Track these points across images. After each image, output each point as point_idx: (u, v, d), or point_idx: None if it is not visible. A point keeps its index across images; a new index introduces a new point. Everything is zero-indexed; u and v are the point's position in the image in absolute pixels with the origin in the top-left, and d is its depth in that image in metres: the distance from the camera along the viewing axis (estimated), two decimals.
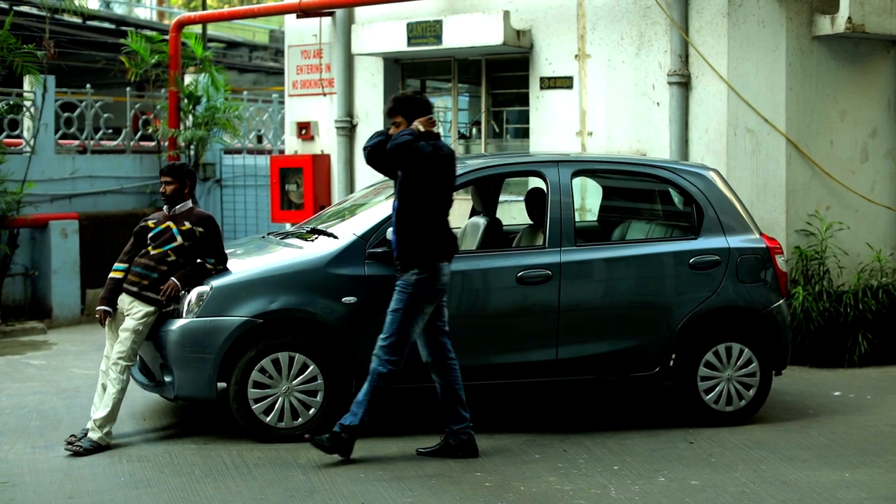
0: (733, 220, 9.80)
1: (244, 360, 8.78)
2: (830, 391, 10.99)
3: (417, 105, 8.63)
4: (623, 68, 13.18)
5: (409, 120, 8.53)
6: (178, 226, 9.09)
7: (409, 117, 8.55)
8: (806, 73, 12.62)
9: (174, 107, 16.88)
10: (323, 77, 15.76)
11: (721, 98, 12.48)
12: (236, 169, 18.33)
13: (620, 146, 13.18)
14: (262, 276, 9.03)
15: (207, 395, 8.86)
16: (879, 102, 13.22)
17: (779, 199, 12.48)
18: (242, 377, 8.77)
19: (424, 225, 8.49)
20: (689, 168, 10.12)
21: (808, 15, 12.60)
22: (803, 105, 12.61)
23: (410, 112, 8.57)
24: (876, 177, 13.19)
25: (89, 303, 15.13)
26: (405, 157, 8.35)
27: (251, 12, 19.72)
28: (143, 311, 8.88)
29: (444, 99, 15.96)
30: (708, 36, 12.56)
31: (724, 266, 9.57)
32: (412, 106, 8.61)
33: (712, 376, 9.53)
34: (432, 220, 8.54)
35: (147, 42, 17.45)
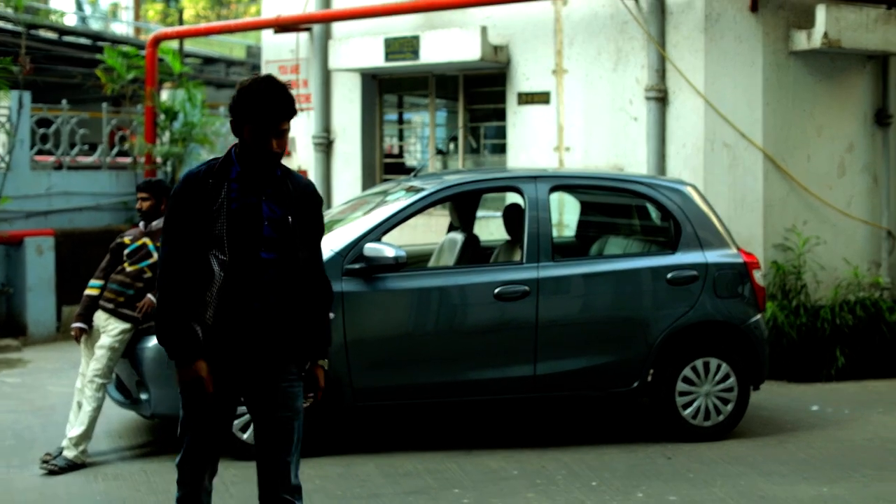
0: (711, 235, 9.80)
1: None
2: (808, 406, 10.99)
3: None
4: (600, 83, 13.20)
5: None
6: (154, 242, 9.05)
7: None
8: (783, 88, 12.66)
9: (151, 122, 16.84)
10: (300, 92, 15.73)
11: (698, 113, 12.51)
12: None
13: (598, 161, 13.19)
14: None
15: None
16: (856, 117, 13.27)
17: (756, 213, 12.51)
18: None
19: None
20: (667, 183, 10.13)
21: (785, 30, 12.64)
22: (780, 120, 12.64)
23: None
24: (853, 191, 13.23)
25: (65, 320, 15.04)
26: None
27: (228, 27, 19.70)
28: (119, 329, 8.84)
29: (421, 114, 15.97)
30: (685, 51, 12.59)
31: (702, 281, 9.57)
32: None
33: (690, 391, 9.52)
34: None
35: (124, 57, 17.41)
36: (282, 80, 5.36)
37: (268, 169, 5.32)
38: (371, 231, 9.10)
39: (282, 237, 5.31)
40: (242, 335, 5.33)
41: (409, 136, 16.67)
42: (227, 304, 5.28)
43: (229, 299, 5.28)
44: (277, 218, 5.32)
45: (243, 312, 5.30)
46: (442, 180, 9.71)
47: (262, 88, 5.24)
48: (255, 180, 5.32)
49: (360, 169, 15.48)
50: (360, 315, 8.76)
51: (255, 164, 5.29)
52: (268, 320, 5.34)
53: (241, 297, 5.29)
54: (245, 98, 5.23)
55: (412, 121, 16.48)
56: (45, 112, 17.14)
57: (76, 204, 16.44)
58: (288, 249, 5.34)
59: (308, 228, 5.45)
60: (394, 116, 16.48)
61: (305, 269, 5.44)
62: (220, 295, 5.27)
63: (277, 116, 5.24)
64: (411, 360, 9.14)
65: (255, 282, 5.29)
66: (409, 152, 16.60)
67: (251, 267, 5.28)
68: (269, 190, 5.33)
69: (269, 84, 5.27)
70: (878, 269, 13.43)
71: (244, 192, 5.29)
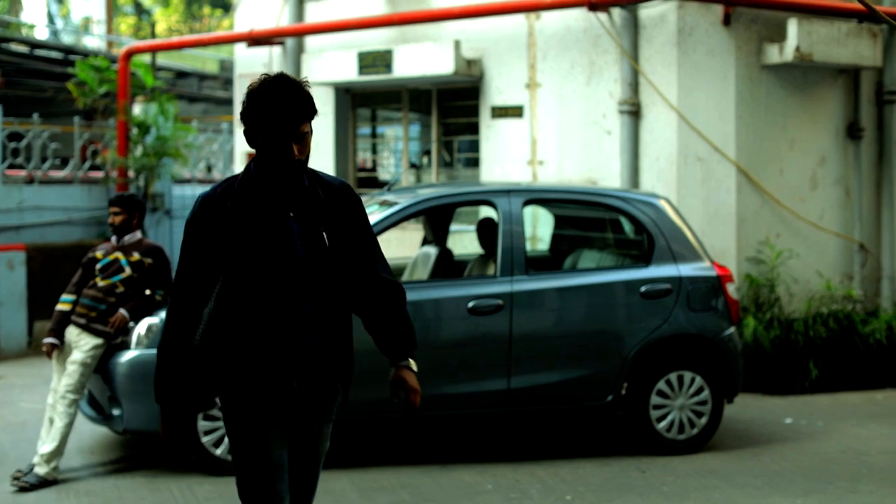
0: (684, 248, 9.81)
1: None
2: (782, 418, 11.01)
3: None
4: (574, 97, 13.21)
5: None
6: (126, 257, 9.01)
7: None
8: (755, 101, 12.70)
9: (123, 136, 16.78)
10: None
11: (671, 127, 12.53)
12: (186, 199, 18.21)
13: (571, 175, 13.20)
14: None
15: (157, 428, 8.74)
16: (828, 130, 13.32)
17: (729, 227, 12.54)
18: None
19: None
20: (640, 197, 10.14)
21: (757, 44, 12.69)
22: (753, 133, 12.68)
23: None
24: (825, 204, 13.28)
25: (37, 335, 14.95)
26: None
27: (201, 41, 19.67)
28: (91, 344, 8.79)
29: (394, 128, 15.95)
30: (658, 65, 12.62)
31: (676, 294, 9.57)
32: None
33: (664, 405, 9.52)
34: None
35: (96, 71, 17.35)
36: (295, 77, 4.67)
37: (292, 180, 4.65)
38: None
39: (319, 256, 4.66)
40: (289, 375, 4.67)
41: (382, 149, 16.65)
42: (265, 344, 4.63)
43: (268, 338, 4.62)
44: (310, 235, 4.66)
45: (287, 350, 4.64)
46: (415, 194, 9.70)
47: (275, 89, 4.57)
48: (280, 195, 4.66)
49: None
50: None
51: (277, 177, 4.62)
52: (315, 355, 4.72)
53: (283, 333, 4.63)
54: (256, 102, 4.56)
55: (385, 134, 16.46)
56: (17, 126, 17.07)
57: (48, 218, 16.37)
58: (328, 270, 4.69)
59: (352, 237, 4.80)
60: (367, 130, 16.46)
61: (360, 282, 4.85)
62: (255, 334, 4.62)
63: (296, 119, 4.56)
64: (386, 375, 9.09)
65: (296, 314, 4.64)
66: (383, 166, 16.58)
67: (290, 297, 4.63)
68: (297, 204, 4.68)
69: (283, 83, 4.60)
70: (850, 281, 13.48)
71: (270, 212, 4.63)
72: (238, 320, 4.64)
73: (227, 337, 4.65)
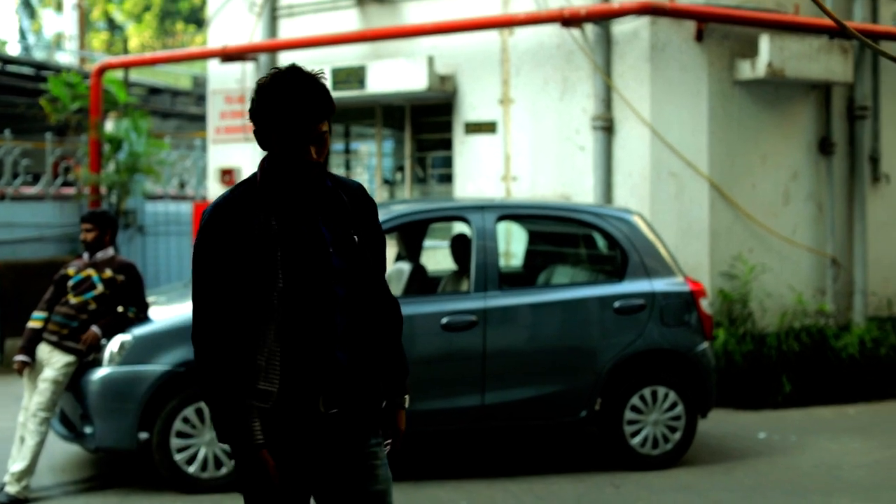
0: (657, 263, 9.82)
1: (167, 410, 8.66)
2: (755, 433, 11.03)
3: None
4: (547, 113, 13.23)
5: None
6: (99, 274, 8.96)
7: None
8: (728, 116, 12.75)
9: (95, 153, 16.71)
10: (246, 122, 15.66)
11: (644, 142, 12.57)
12: (159, 216, 18.16)
13: (545, 191, 13.22)
14: (185, 324, 8.89)
15: (129, 445, 8.71)
16: (800, 146, 13.38)
17: (702, 242, 12.57)
18: (165, 427, 8.64)
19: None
20: (613, 212, 10.15)
21: (730, 60, 12.74)
22: (726, 148, 12.73)
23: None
24: (798, 219, 13.33)
25: (8, 352, 14.86)
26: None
27: (174, 57, 19.61)
28: (63, 361, 8.74)
29: (368, 144, 15.94)
30: (631, 80, 12.66)
31: (649, 310, 9.58)
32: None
33: (638, 420, 9.52)
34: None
35: (68, 87, 17.29)
36: (309, 69, 4.13)
37: (314, 183, 4.15)
38: None
39: (353, 264, 4.18)
40: (315, 398, 4.10)
41: (355, 165, 16.63)
42: (299, 365, 4.08)
43: (295, 355, 4.08)
44: (343, 241, 4.17)
45: (323, 370, 4.09)
46: (389, 210, 9.69)
47: (288, 84, 4.04)
48: (304, 199, 4.16)
49: None
50: None
51: (297, 181, 4.13)
52: (349, 373, 4.16)
53: (313, 349, 4.09)
54: (268, 99, 4.06)
55: (359, 150, 16.45)
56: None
57: (19, 235, 16.28)
58: (361, 278, 4.21)
59: (368, 243, 4.29)
60: (341, 146, 16.44)
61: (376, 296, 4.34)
62: (287, 354, 4.08)
63: (312, 117, 4.04)
64: None
65: (330, 328, 4.12)
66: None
67: (323, 310, 4.11)
68: (325, 209, 4.18)
69: (296, 77, 4.05)
70: (823, 296, 13.52)
71: (294, 217, 4.12)
72: (263, 339, 4.09)
73: (250, 356, 4.10)
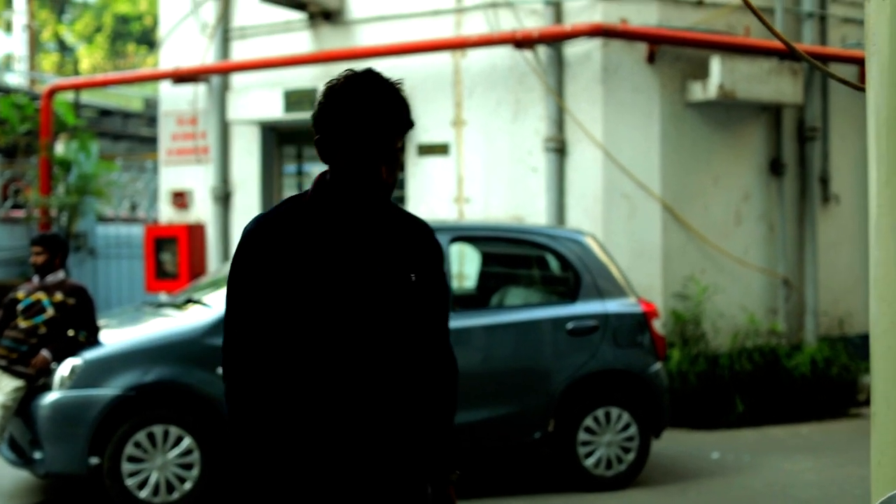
0: (610, 284, 9.84)
1: (118, 434, 8.57)
2: (709, 453, 11.06)
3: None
4: (500, 135, 13.25)
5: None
6: (49, 297, 8.89)
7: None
8: (680, 138, 12.81)
9: (45, 175, 16.59)
10: (198, 145, 15.61)
11: (597, 163, 12.60)
12: (110, 239, 18.04)
13: (498, 212, 13.23)
14: (136, 347, 8.85)
15: (79, 470, 8.61)
16: (752, 167, 13.46)
17: (655, 263, 12.61)
18: (116, 452, 8.55)
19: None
20: (566, 234, 10.17)
21: (681, 81, 12.81)
22: (678, 170, 12.78)
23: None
24: (749, 240, 13.40)
25: None
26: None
27: (126, 79, 19.51)
28: (12, 386, 8.64)
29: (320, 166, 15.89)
30: (583, 102, 12.70)
31: (602, 331, 9.59)
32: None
33: (591, 441, 9.52)
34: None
35: (17, 109, 17.16)
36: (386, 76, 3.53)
37: (376, 209, 3.52)
38: None
39: (404, 307, 3.54)
40: (365, 465, 3.48)
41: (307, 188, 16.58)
42: (339, 423, 3.42)
43: (343, 414, 3.43)
44: (396, 280, 3.51)
45: (366, 430, 3.46)
46: None
47: (365, 90, 3.42)
48: (359, 226, 3.50)
49: None
50: None
51: (356, 204, 3.48)
52: (387, 442, 3.52)
53: (362, 408, 3.45)
54: (339, 105, 3.42)
55: (311, 173, 16.40)
56: None
57: None
58: (412, 325, 3.57)
59: (428, 288, 3.63)
60: (293, 168, 16.40)
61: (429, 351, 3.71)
62: (326, 410, 3.42)
63: (390, 130, 3.45)
64: None
65: (378, 384, 3.48)
66: None
67: (371, 361, 3.45)
68: (384, 242, 3.53)
69: (374, 83, 3.45)
70: (774, 316, 13.59)
71: (346, 246, 3.46)
72: (301, 394, 3.43)
73: (289, 419, 3.44)
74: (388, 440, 3.50)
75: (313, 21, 14.68)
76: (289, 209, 3.53)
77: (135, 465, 8.60)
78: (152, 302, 10.77)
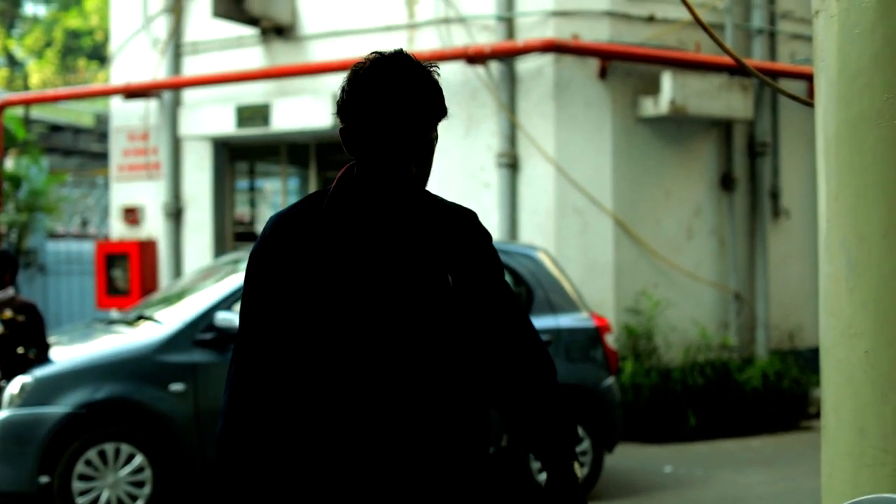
0: (562, 299, 9.85)
1: (68, 453, 8.49)
2: (661, 467, 11.08)
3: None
4: (452, 150, 13.25)
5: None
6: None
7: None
8: (632, 153, 12.86)
9: None
10: (150, 160, 15.53)
11: (549, 179, 12.63)
12: (60, 255, 17.91)
13: None
14: (87, 365, 8.77)
15: (28, 489, 8.52)
16: (703, 182, 13.53)
17: (607, 277, 12.65)
18: (66, 470, 8.48)
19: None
20: (518, 249, 10.18)
21: (633, 97, 12.87)
22: (629, 185, 12.83)
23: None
24: (701, 254, 13.47)
25: None
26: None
27: (77, 94, 19.40)
28: None
29: (273, 182, 15.86)
30: (535, 117, 12.73)
31: (555, 345, 9.59)
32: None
33: None
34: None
35: None
36: (415, 57, 3.16)
37: (405, 206, 3.10)
38: (223, 300, 8.97)
39: (447, 314, 3.11)
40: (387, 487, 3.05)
41: (260, 203, 16.56)
42: (362, 441, 3.01)
43: (366, 432, 3.02)
44: (433, 285, 3.09)
45: (391, 449, 3.02)
46: None
47: (394, 74, 3.04)
48: (385, 226, 3.10)
49: (211, 237, 15.31)
50: (212, 386, 8.60)
51: (382, 201, 3.07)
52: (416, 463, 3.07)
53: (387, 426, 3.02)
54: (365, 92, 3.02)
55: (264, 188, 16.37)
56: None
57: None
58: (455, 335, 3.13)
59: (482, 286, 3.21)
60: (245, 184, 16.36)
61: (490, 355, 3.23)
62: (347, 427, 3.01)
63: (421, 121, 3.06)
64: None
65: (405, 399, 3.04)
66: (261, 220, 16.48)
67: (398, 374, 3.03)
68: (410, 240, 3.11)
69: (405, 67, 3.08)
70: (726, 330, 13.66)
71: (370, 249, 3.06)
72: (321, 410, 3.03)
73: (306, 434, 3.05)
74: (425, 473, 3.09)
75: (266, 36, 14.66)
76: (308, 207, 3.13)
77: (85, 484, 8.53)
78: (103, 319, 10.70)
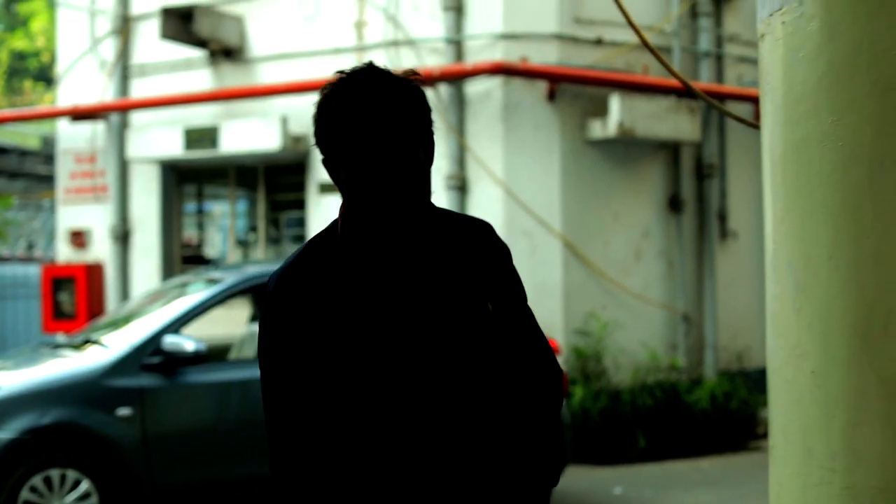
0: None
1: (13, 479, 8.39)
2: (611, 488, 11.09)
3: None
4: None
5: None
6: None
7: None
8: (580, 175, 12.90)
9: None
10: (97, 183, 15.43)
11: (498, 201, 12.64)
12: (6, 279, 17.75)
13: None
14: (32, 389, 8.68)
15: None
16: (651, 204, 13.59)
17: (556, 299, 12.66)
18: (11, 497, 8.38)
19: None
20: None
21: (581, 119, 12.91)
22: (578, 207, 12.87)
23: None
24: (649, 276, 13.52)
25: None
26: None
27: (22, 116, 19.25)
28: None
29: (221, 205, 15.80)
30: (484, 140, 12.75)
31: None
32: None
33: None
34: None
35: None
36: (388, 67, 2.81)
37: (415, 228, 2.79)
38: (170, 324, 8.92)
39: (467, 340, 2.80)
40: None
41: (208, 226, 16.49)
42: (411, 482, 2.72)
43: (416, 475, 2.73)
44: (474, 315, 2.83)
45: (441, 491, 2.73)
46: (242, 271, 9.59)
47: (357, 92, 2.72)
48: (406, 251, 2.78)
49: (159, 260, 15.22)
50: (160, 410, 8.55)
51: (388, 228, 2.74)
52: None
53: (422, 473, 2.73)
54: (329, 115, 2.77)
55: (212, 211, 16.29)
56: None
57: None
58: (480, 363, 2.82)
59: (509, 309, 3.04)
60: (193, 207, 16.28)
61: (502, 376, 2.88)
62: (380, 479, 2.71)
63: (392, 137, 2.69)
64: (213, 455, 8.94)
65: (440, 440, 2.74)
66: (209, 243, 16.40)
67: (430, 417, 2.73)
68: (437, 263, 2.81)
69: (369, 82, 2.73)
70: (674, 351, 13.71)
71: (384, 284, 2.75)
72: (353, 464, 2.72)
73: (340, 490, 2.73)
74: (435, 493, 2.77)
75: (214, 59, 14.61)
76: (311, 252, 2.80)
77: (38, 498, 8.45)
78: (49, 343, 10.59)
